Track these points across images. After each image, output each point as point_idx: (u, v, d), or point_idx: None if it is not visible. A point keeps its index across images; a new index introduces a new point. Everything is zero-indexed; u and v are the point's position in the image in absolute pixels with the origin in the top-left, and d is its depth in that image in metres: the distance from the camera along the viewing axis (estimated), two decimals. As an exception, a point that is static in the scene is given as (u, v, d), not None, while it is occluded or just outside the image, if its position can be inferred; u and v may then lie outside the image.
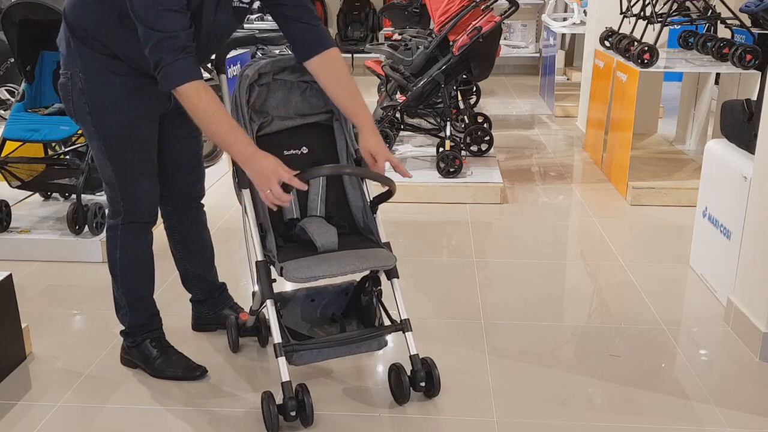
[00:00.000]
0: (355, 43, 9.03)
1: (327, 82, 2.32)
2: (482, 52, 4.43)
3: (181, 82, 2.03)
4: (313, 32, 2.29)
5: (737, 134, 3.06)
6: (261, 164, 2.08)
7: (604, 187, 4.64)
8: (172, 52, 2.01)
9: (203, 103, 2.05)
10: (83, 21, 2.18)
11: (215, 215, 2.68)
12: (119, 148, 2.29)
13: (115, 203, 2.37)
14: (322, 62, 2.30)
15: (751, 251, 2.73)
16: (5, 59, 5.57)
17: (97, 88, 2.22)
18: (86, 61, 2.20)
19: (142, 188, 2.36)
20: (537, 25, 8.96)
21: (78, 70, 2.21)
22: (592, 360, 2.62)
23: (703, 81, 5.21)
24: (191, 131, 2.46)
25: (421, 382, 2.31)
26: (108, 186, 2.35)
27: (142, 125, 2.30)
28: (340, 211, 2.45)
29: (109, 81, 2.21)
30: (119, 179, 2.32)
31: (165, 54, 2.01)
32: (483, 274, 3.35)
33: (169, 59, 2.01)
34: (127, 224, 2.38)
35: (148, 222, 2.42)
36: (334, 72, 2.31)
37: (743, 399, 2.38)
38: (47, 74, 3.64)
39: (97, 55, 2.19)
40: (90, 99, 2.23)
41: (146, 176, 2.35)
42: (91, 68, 2.20)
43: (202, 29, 2.16)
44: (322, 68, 2.30)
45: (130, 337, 2.52)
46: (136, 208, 2.37)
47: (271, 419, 2.16)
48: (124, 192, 2.34)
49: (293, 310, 2.53)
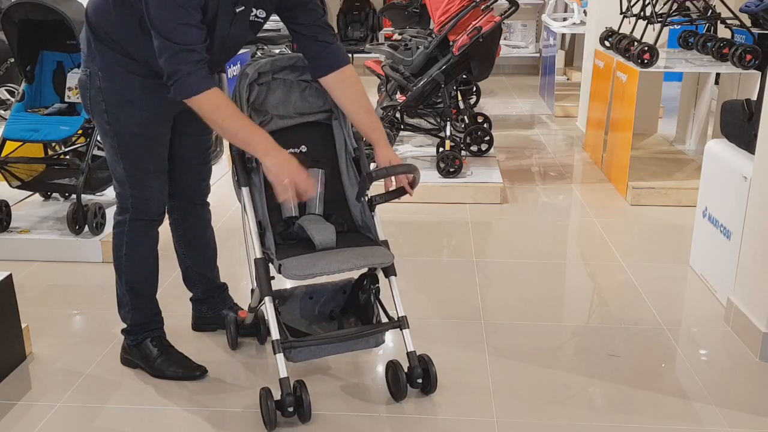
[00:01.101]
0: (355, 43, 9.03)
1: (343, 99, 2.35)
2: (482, 52, 4.43)
3: (197, 92, 2.07)
4: (328, 50, 2.32)
5: (737, 134, 3.06)
6: (283, 156, 2.14)
7: (604, 187, 4.64)
8: (188, 64, 2.05)
9: (221, 110, 2.10)
10: (105, 24, 2.22)
11: (216, 215, 2.69)
12: (132, 146, 2.32)
13: (124, 200, 2.39)
14: (339, 80, 2.33)
15: (751, 251, 2.73)
16: (5, 59, 5.57)
17: (115, 86, 2.26)
18: (105, 60, 2.25)
19: (152, 187, 2.38)
20: (537, 25, 8.96)
21: (97, 69, 2.26)
22: (592, 360, 2.62)
23: (703, 81, 5.21)
24: (202, 128, 2.47)
25: (418, 379, 2.32)
26: (118, 183, 2.38)
27: (156, 124, 2.33)
28: (338, 210, 2.45)
29: (126, 80, 2.25)
30: (129, 177, 2.35)
31: (182, 65, 2.04)
32: (483, 274, 3.35)
33: (186, 70, 2.05)
34: (134, 221, 2.41)
35: (155, 220, 2.45)
36: (350, 89, 2.35)
37: (743, 399, 2.38)
38: (47, 74, 3.64)
39: (117, 55, 2.23)
40: (107, 97, 2.27)
41: (156, 175, 2.38)
42: (109, 67, 2.25)
43: (216, 41, 2.20)
44: (338, 86, 2.34)
45: (131, 336, 2.53)
46: (144, 206, 2.40)
47: (269, 415, 2.17)
48: (134, 190, 2.37)
49: (292, 308, 2.53)
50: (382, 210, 2.44)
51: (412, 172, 2.33)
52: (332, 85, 2.34)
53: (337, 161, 2.49)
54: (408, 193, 2.34)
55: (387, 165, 2.33)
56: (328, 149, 2.48)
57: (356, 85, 2.36)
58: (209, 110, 2.10)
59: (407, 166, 2.33)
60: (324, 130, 2.49)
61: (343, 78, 2.33)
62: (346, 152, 2.47)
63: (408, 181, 2.34)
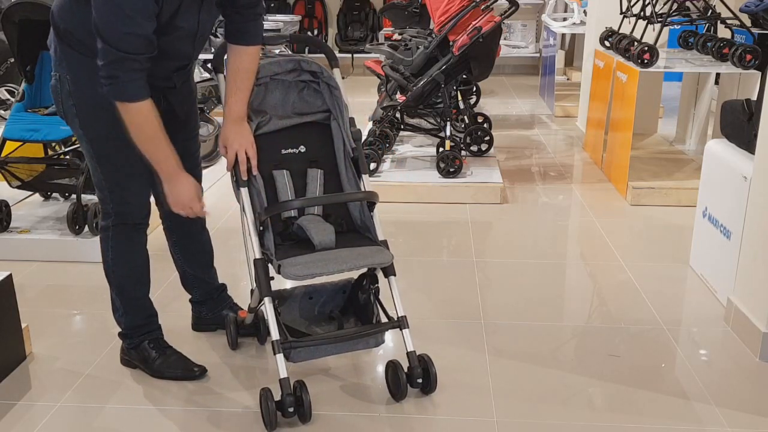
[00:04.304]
0: (355, 43, 9.03)
1: (234, 68, 2.33)
2: (482, 52, 4.43)
3: (132, 99, 2.08)
4: (250, 24, 2.32)
5: (737, 134, 3.06)
6: (182, 184, 2.22)
7: (604, 187, 4.64)
8: (128, 72, 2.05)
9: (150, 123, 2.13)
10: (68, 24, 2.18)
11: (215, 215, 2.69)
12: (107, 149, 2.29)
13: (105, 205, 2.37)
14: (242, 52, 2.33)
15: (751, 251, 2.73)
16: (5, 59, 5.58)
17: (84, 90, 2.22)
18: (72, 64, 2.21)
19: (131, 190, 2.35)
20: (537, 25, 8.96)
21: (65, 73, 2.22)
22: (592, 360, 2.62)
23: (703, 81, 5.20)
24: (189, 133, 2.47)
25: (418, 379, 2.32)
26: (98, 188, 2.36)
27: None
28: (337, 210, 2.45)
29: (95, 84, 2.17)
30: (107, 181, 2.32)
31: (121, 72, 2.05)
32: (483, 274, 3.35)
33: (126, 77, 2.05)
34: (117, 226, 2.38)
35: (139, 224, 2.42)
36: (246, 63, 2.33)
37: (743, 399, 2.38)
38: (47, 74, 3.63)
39: (83, 58, 2.18)
40: (77, 101, 2.23)
41: (135, 178, 2.34)
42: (77, 71, 2.21)
43: (187, 31, 2.18)
44: (238, 57, 2.33)
45: (128, 339, 2.52)
46: (125, 210, 2.37)
47: (269, 416, 2.17)
48: (113, 194, 2.34)
49: (291, 308, 2.53)
50: (382, 210, 2.44)
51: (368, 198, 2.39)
52: (234, 53, 2.33)
53: (336, 161, 2.49)
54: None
55: (221, 145, 2.35)
56: (327, 149, 2.48)
57: (250, 65, 2.34)
58: (136, 120, 2.12)
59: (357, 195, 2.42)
60: (322, 130, 2.49)
61: (248, 53, 2.33)
62: (344, 152, 2.47)
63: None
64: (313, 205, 2.42)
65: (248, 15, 2.31)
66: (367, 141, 4.51)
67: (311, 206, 2.42)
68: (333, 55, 2.57)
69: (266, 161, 2.40)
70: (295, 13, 9.12)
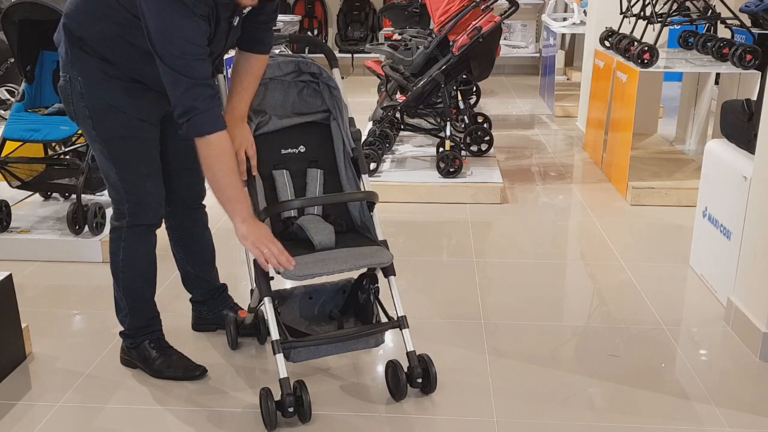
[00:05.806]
0: (355, 43, 9.04)
1: (243, 73, 2.34)
2: (482, 52, 4.43)
3: (211, 131, 2.08)
4: (263, 35, 2.34)
5: (737, 134, 3.06)
6: (257, 227, 2.18)
7: (604, 187, 4.64)
8: (204, 100, 2.05)
9: (226, 156, 2.12)
10: (85, 33, 2.17)
11: (215, 215, 2.68)
12: (121, 149, 2.28)
13: (120, 205, 2.35)
14: (252, 59, 2.34)
15: (751, 251, 2.73)
16: (5, 59, 5.58)
17: (96, 91, 2.21)
18: (84, 66, 2.20)
19: (147, 190, 2.34)
20: (537, 25, 8.96)
21: (77, 74, 2.20)
22: (592, 360, 2.62)
23: (703, 81, 5.20)
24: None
25: (418, 379, 2.32)
26: (112, 188, 2.33)
27: (142, 128, 2.29)
28: (337, 210, 2.46)
29: (107, 84, 2.20)
30: (123, 181, 2.31)
31: (198, 102, 2.04)
32: (483, 274, 3.35)
33: (204, 107, 2.05)
34: (131, 227, 2.37)
35: (152, 224, 2.41)
36: (254, 68, 2.35)
37: (743, 399, 2.38)
38: (47, 74, 3.64)
39: (95, 60, 2.18)
40: (89, 102, 2.22)
41: (151, 177, 2.34)
42: (89, 72, 2.20)
43: (214, 55, 2.20)
44: (247, 63, 2.34)
45: (130, 339, 2.52)
46: (141, 210, 2.36)
47: (269, 416, 2.17)
48: (129, 194, 2.32)
49: (291, 308, 2.53)
50: (381, 210, 2.44)
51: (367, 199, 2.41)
52: (244, 58, 2.34)
53: (335, 161, 2.49)
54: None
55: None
56: (327, 149, 2.48)
57: (259, 70, 2.36)
58: (215, 153, 2.11)
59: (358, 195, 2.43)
60: (322, 130, 2.49)
61: (259, 59, 2.34)
62: (344, 152, 2.47)
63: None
64: (312, 205, 2.42)
65: (264, 27, 2.33)
66: (367, 141, 4.52)
67: (311, 206, 2.42)
68: (333, 55, 2.57)
69: (266, 161, 2.41)
70: (295, 13, 9.13)
